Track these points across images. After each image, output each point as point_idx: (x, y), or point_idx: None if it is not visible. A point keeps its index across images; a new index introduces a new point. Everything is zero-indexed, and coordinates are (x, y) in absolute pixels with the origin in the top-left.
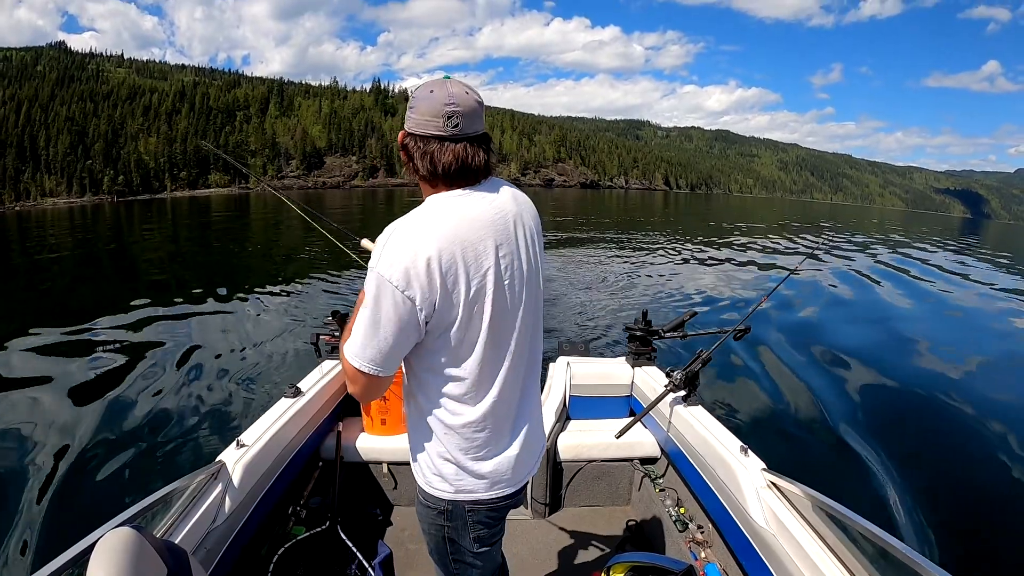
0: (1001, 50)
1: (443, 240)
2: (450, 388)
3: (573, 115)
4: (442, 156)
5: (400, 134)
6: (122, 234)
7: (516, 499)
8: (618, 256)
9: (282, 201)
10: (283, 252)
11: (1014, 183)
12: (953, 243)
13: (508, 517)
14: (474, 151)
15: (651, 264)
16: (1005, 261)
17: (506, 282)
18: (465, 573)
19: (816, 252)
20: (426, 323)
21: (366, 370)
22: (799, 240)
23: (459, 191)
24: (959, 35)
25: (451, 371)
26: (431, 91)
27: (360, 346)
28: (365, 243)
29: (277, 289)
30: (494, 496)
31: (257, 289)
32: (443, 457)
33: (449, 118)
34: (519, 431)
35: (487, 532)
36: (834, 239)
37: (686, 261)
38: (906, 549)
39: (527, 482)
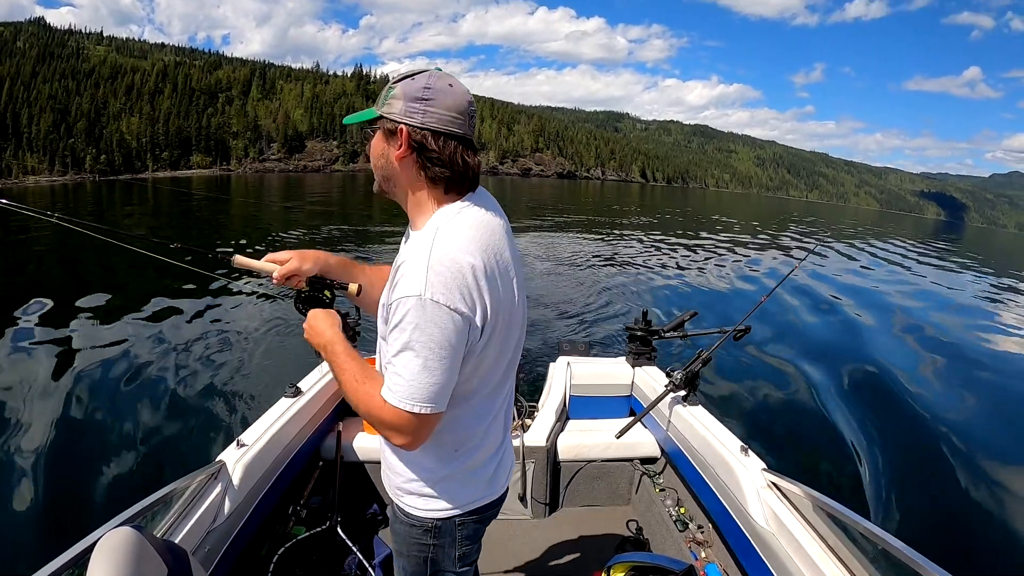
0: (983, 56)
1: (482, 252)
2: (469, 404)
3: (553, 105)
4: (471, 159)
5: (403, 130)
6: (103, 215)
7: (498, 507)
8: (616, 255)
9: (262, 185)
10: (280, 248)
11: (988, 188)
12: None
13: (508, 517)
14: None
15: (651, 264)
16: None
17: (517, 290)
18: None
19: (814, 252)
20: (473, 340)
21: (419, 411)
22: (796, 240)
23: (463, 202)
24: (942, 40)
25: (471, 386)
26: (449, 84)
27: (416, 386)
28: (240, 260)
29: (276, 287)
30: (486, 502)
31: (256, 287)
32: (445, 475)
33: (471, 117)
34: (507, 432)
35: (471, 548)
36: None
37: (685, 261)
38: (906, 549)
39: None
